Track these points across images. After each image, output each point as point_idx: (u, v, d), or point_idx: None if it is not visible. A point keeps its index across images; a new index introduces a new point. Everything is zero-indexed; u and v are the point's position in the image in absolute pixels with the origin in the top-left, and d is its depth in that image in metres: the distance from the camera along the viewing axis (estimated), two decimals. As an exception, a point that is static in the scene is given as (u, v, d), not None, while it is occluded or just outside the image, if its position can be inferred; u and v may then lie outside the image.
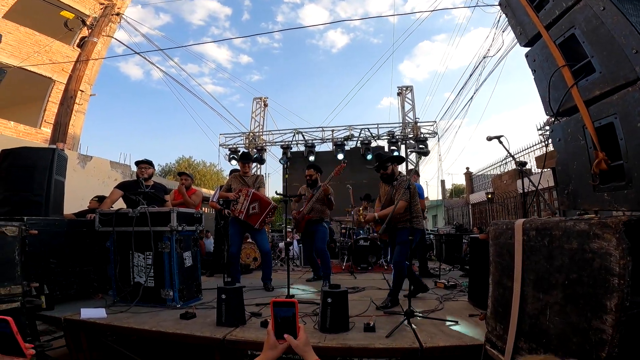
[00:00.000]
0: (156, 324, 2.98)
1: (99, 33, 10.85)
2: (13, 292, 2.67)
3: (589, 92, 1.77)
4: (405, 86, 14.01)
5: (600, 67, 1.69)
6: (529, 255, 1.54)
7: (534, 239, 1.51)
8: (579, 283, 1.28)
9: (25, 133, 11.02)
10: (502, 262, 1.77)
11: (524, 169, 3.17)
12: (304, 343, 1.22)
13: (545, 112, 2.18)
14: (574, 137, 1.88)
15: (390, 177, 3.95)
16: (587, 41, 1.76)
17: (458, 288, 4.50)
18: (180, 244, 3.68)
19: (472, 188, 18.08)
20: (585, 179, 1.77)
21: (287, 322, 1.23)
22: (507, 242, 1.71)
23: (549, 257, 1.41)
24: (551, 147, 2.26)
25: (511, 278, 1.63)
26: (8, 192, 3.69)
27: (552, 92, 2.02)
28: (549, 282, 1.41)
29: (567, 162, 1.95)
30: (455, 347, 2.47)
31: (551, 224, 1.42)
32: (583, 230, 1.27)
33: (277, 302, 1.25)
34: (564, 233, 1.35)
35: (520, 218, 1.68)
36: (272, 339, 1.24)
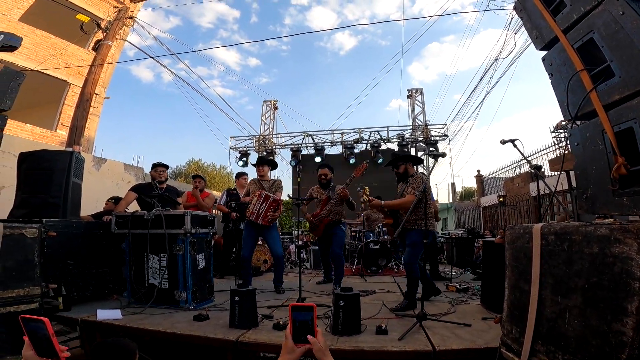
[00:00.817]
0: (170, 325, 3.02)
1: (113, 36, 11.01)
2: (32, 293, 2.72)
3: (608, 96, 1.76)
4: (415, 89, 13.95)
5: (620, 71, 1.68)
6: (547, 260, 1.54)
7: (553, 243, 1.51)
8: (599, 287, 1.28)
9: (41, 136, 11.22)
10: (518, 265, 1.77)
11: (539, 172, 3.14)
12: (323, 347, 1.23)
13: (563, 116, 2.18)
14: (593, 141, 1.87)
15: (403, 175, 3.95)
16: (606, 45, 1.75)
17: (470, 291, 4.46)
18: (193, 247, 3.72)
19: (483, 191, 17.91)
20: (605, 184, 1.75)
21: (305, 326, 1.24)
22: (524, 246, 1.71)
23: (569, 261, 1.41)
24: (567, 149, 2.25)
25: (528, 282, 1.63)
26: (26, 195, 3.76)
27: (570, 96, 2.00)
28: (568, 285, 1.41)
29: (586, 166, 1.94)
30: (468, 350, 2.46)
31: (571, 229, 1.42)
32: (604, 235, 1.27)
33: (296, 306, 1.26)
34: (585, 238, 1.35)
35: (533, 222, 1.68)
36: (290, 342, 1.25)
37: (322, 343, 1.24)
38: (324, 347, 1.24)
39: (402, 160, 3.99)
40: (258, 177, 4.96)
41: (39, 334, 1.14)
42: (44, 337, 1.12)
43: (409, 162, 4.00)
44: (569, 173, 8.55)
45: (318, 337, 1.24)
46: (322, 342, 1.24)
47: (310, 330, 1.23)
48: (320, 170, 5.07)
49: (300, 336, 1.24)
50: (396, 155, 4.13)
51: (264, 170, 4.94)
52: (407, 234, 3.75)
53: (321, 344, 1.23)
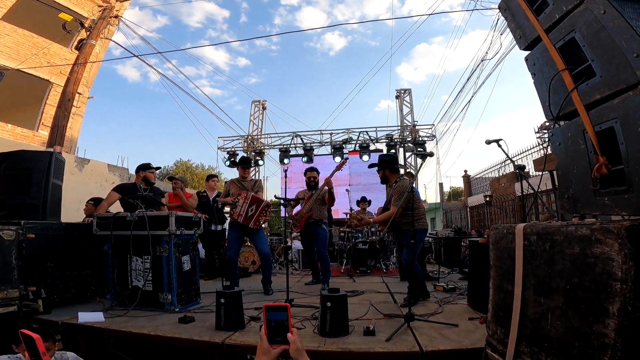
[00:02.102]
0: (154, 328, 2.98)
1: (97, 35, 10.81)
2: (10, 296, 2.66)
3: (589, 96, 1.76)
4: (404, 89, 14.06)
5: (601, 71, 1.68)
6: (529, 260, 1.54)
7: (535, 243, 1.51)
8: (580, 288, 1.28)
9: (22, 136, 10.98)
10: (502, 266, 1.77)
11: (522, 172, 3.17)
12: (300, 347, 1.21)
13: (545, 116, 2.18)
14: (574, 141, 1.87)
15: (384, 179, 4.14)
16: (587, 45, 1.75)
17: (457, 291, 4.49)
18: (178, 248, 3.67)
19: (470, 191, 18.11)
20: (586, 184, 1.76)
21: (281, 326, 1.22)
22: (507, 247, 1.72)
23: (550, 262, 1.41)
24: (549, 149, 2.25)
25: (512, 282, 1.63)
26: (5, 196, 3.67)
27: (552, 96, 2.01)
28: (550, 286, 1.41)
29: (567, 166, 1.94)
30: (455, 350, 2.47)
31: (552, 229, 1.42)
32: (585, 235, 1.27)
33: (270, 306, 1.25)
34: (566, 238, 1.35)
35: (518, 221, 1.68)
36: (265, 344, 1.23)
37: (299, 343, 1.23)
38: (301, 347, 1.22)
39: (380, 166, 4.12)
40: (239, 178, 4.91)
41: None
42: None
43: (386, 168, 4.10)
44: (553, 173, 8.69)
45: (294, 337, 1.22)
46: (299, 341, 1.23)
47: (285, 330, 1.22)
48: (309, 173, 5.23)
49: (275, 337, 1.22)
50: (380, 159, 4.20)
51: (249, 172, 5.01)
52: (402, 235, 3.93)
53: (298, 344, 1.22)
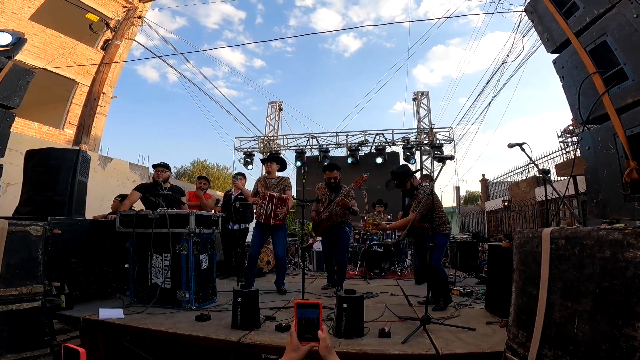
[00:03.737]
0: (172, 325, 3.01)
1: (121, 36, 11.09)
2: (35, 291, 2.68)
3: (621, 99, 1.75)
4: (421, 92, 13.97)
5: (634, 74, 1.67)
6: (556, 264, 1.52)
7: (563, 247, 1.49)
8: (610, 291, 1.26)
9: (48, 134, 11.28)
10: (526, 270, 1.75)
11: (546, 177, 3.10)
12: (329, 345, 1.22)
13: (575, 120, 2.20)
14: (605, 145, 1.85)
15: (412, 189, 4.02)
16: (619, 48, 1.74)
17: (474, 295, 4.42)
18: (197, 247, 3.71)
19: (487, 195, 17.84)
20: (616, 188, 1.74)
21: (311, 324, 1.23)
22: (532, 251, 1.69)
23: (579, 266, 1.39)
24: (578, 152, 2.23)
25: (536, 286, 1.60)
26: (32, 192, 3.77)
27: (582, 100, 1.99)
28: (578, 290, 1.39)
29: (597, 170, 1.92)
30: (473, 354, 2.43)
31: (582, 233, 1.40)
32: (617, 239, 1.25)
33: (301, 303, 1.25)
34: (597, 242, 1.33)
35: (538, 226, 1.66)
36: (294, 340, 1.23)
37: (328, 340, 1.22)
38: (330, 345, 1.22)
39: (404, 177, 4.02)
40: (265, 175, 4.93)
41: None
42: None
43: (411, 178, 4.05)
44: (576, 178, 8.51)
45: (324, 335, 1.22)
46: (328, 339, 1.22)
47: (316, 328, 1.22)
48: (329, 173, 4.85)
49: (305, 334, 1.23)
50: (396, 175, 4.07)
51: (272, 166, 4.89)
52: (425, 239, 3.84)
53: (328, 342, 1.21)
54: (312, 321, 1.23)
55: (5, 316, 2.47)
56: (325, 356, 1.21)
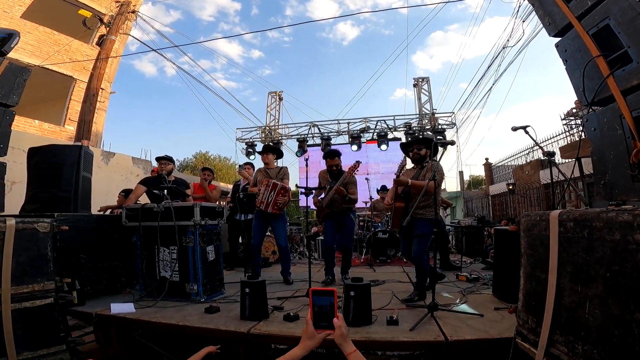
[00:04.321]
0: (182, 318, 3.04)
1: (116, 31, 11.00)
2: (46, 288, 2.68)
3: (626, 81, 1.75)
4: (422, 77, 13.88)
5: (638, 57, 1.67)
6: (565, 247, 1.50)
7: (572, 230, 1.47)
8: (621, 275, 1.24)
9: (49, 131, 11.31)
10: (534, 254, 1.74)
11: (552, 159, 3.08)
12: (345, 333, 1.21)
13: (580, 102, 2.16)
14: (611, 126, 1.85)
15: (422, 159, 3.82)
16: (623, 32, 1.74)
17: (481, 281, 4.43)
18: (203, 239, 3.73)
19: (491, 179, 17.77)
20: (623, 169, 1.73)
21: (326, 311, 1.22)
22: (540, 234, 1.67)
23: (589, 249, 1.37)
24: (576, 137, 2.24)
25: (545, 270, 1.59)
26: (37, 189, 3.78)
27: (586, 82, 1.98)
28: (588, 274, 1.37)
29: (603, 151, 1.91)
30: (482, 340, 2.43)
31: (591, 215, 1.38)
32: (626, 221, 1.23)
33: (316, 290, 1.24)
34: (606, 224, 1.30)
35: (543, 210, 1.65)
36: (310, 328, 1.22)
37: (344, 328, 1.22)
38: (346, 332, 1.21)
39: (426, 145, 3.86)
40: (264, 166, 4.96)
41: None
42: None
43: (430, 149, 3.84)
44: (581, 161, 8.46)
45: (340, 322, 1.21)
46: (344, 327, 1.22)
47: (331, 315, 1.21)
48: (330, 160, 4.69)
49: (321, 322, 1.22)
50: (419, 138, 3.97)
51: (269, 157, 4.94)
52: (415, 224, 3.59)
53: (344, 330, 1.21)
54: (328, 309, 1.22)
55: (19, 314, 2.47)
56: (341, 344, 1.20)
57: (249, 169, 6.08)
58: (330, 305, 1.22)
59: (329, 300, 1.22)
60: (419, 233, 3.59)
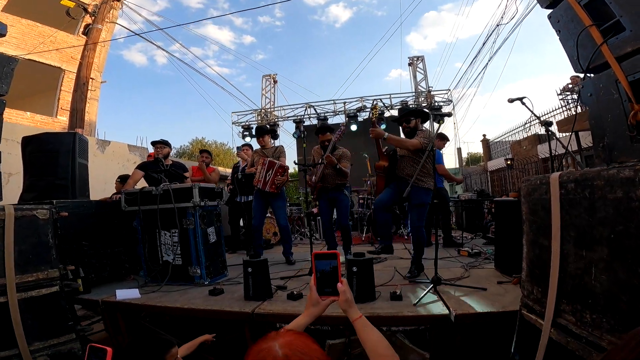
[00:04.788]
0: (187, 301, 3.06)
1: (102, 20, 10.79)
2: (51, 276, 2.68)
3: (620, 49, 1.82)
4: (416, 56, 13.71)
5: (631, 25, 1.74)
6: (567, 210, 1.46)
7: (573, 191, 1.43)
8: (625, 236, 1.20)
9: (42, 122, 11.22)
10: (536, 220, 1.70)
11: (549, 129, 3.05)
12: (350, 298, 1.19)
13: (575, 70, 2.20)
14: (607, 91, 1.89)
15: (412, 131, 3.68)
16: (614, 2, 1.80)
17: (483, 256, 4.43)
18: (203, 220, 3.71)
19: (489, 155, 17.75)
20: (622, 131, 1.75)
21: (330, 276, 1.19)
22: (541, 198, 1.64)
23: (592, 210, 1.33)
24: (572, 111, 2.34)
25: (548, 236, 1.55)
26: (34, 178, 3.73)
27: (581, 51, 2.04)
28: (592, 237, 1.34)
29: (601, 115, 1.94)
30: (487, 313, 2.43)
31: (592, 174, 1.34)
32: (628, 177, 1.18)
33: (319, 254, 1.21)
34: (607, 182, 1.26)
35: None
36: (314, 295, 1.20)
37: (348, 293, 1.19)
38: (351, 297, 1.19)
39: (414, 114, 3.72)
40: (260, 147, 4.96)
41: None
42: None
43: (419, 117, 3.74)
44: (578, 134, 8.45)
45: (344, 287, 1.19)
46: (349, 292, 1.20)
47: (335, 280, 1.18)
48: (321, 136, 4.59)
49: (325, 287, 1.19)
50: (404, 110, 3.87)
51: (265, 140, 4.95)
52: (412, 194, 3.37)
53: (348, 295, 1.19)
54: (331, 273, 1.18)
55: (26, 303, 2.47)
56: (346, 310, 1.18)
57: (247, 149, 6.04)
58: (333, 270, 1.19)
59: (332, 263, 1.19)
60: (417, 202, 3.51)
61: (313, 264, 1.20)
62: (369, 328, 1.16)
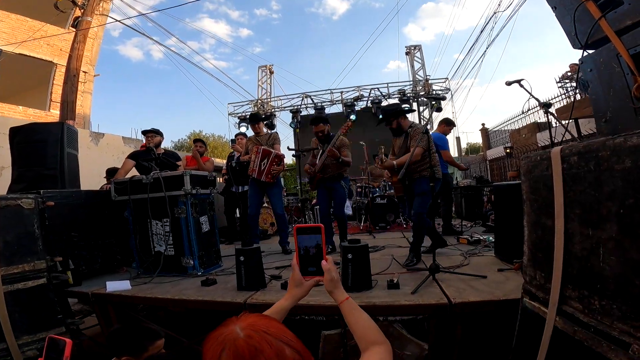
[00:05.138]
0: (179, 292, 2.99)
1: (91, 12, 10.61)
2: (37, 268, 2.61)
3: (619, 22, 1.79)
4: (414, 45, 13.59)
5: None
6: (571, 186, 1.35)
7: (576, 165, 1.32)
8: (637, 209, 1.09)
9: (35, 116, 11.19)
10: (538, 198, 1.59)
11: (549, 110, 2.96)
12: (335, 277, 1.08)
13: (573, 46, 2.14)
14: (608, 65, 1.85)
15: (398, 130, 3.77)
16: None
17: (482, 243, 4.36)
18: (195, 209, 3.63)
19: (488, 144, 17.69)
20: (625, 104, 1.71)
21: (313, 254, 1.09)
22: (542, 175, 1.53)
23: (597, 184, 1.22)
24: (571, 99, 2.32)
25: (551, 215, 1.44)
26: (22, 168, 3.67)
27: (578, 26, 2.00)
28: (599, 213, 1.22)
29: (602, 90, 1.89)
30: (487, 302, 2.35)
31: (596, 145, 1.22)
32: (637, 145, 1.07)
33: (302, 228, 1.10)
34: (614, 152, 1.15)
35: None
36: (297, 274, 1.10)
37: (334, 272, 1.08)
38: (337, 277, 1.08)
39: (393, 116, 3.77)
40: (255, 135, 4.88)
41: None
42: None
43: (400, 116, 3.76)
44: (577, 121, 8.39)
45: (329, 265, 1.08)
46: (334, 271, 1.09)
47: (319, 257, 1.08)
48: (315, 127, 4.54)
49: (308, 266, 1.09)
50: (385, 112, 3.88)
51: (260, 127, 4.86)
52: (415, 184, 3.62)
53: (334, 274, 1.08)
54: (315, 250, 1.08)
55: (13, 296, 2.41)
56: (331, 291, 1.08)
57: (242, 139, 5.96)
58: (317, 246, 1.08)
59: (316, 238, 1.08)
60: (419, 191, 3.57)
61: (295, 240, 1.10)
62: (357, 311, 1.06)
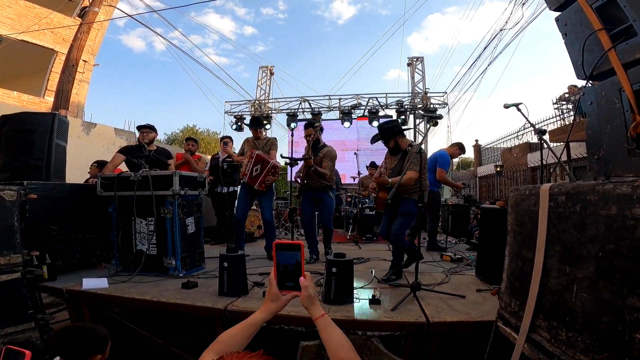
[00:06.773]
0: (157, 293, 2.94)
1: (100, 3, 10.52)
2: (13, 262, 2.54)
3: (629, 55, 1.72)
4: (416, 57, 13.60)
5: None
6: (555, 224, 1.39)
7: (563, 204, 1.36)
8: (616, 255, 1.13)
9: (28, 102, 11.02)
10: (522, 231, 1.63)
11: (543, 138, 2.98)
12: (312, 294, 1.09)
13: (577, 76, 2.11)
14: (609, 99, 1.80)
15: (395, 149, 3.69)
16: (629, 5, 1.70)
17: (465, 261, 4.39)
18: (182, 209, 3.59)
19: (480, 161, 17.82)
20: (619, 143, 1.67)
21: (292, 270, 1.09)
22: (529, 210, 1.57)
23: (581, 226, 1.26)
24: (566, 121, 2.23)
25: (532, 249, 1.49)
26: (8, 157, 3.57)
27: (586, 55, 1.95)
28: (579, 253, 1.27)
29: (599, 125, 1.85)
30: (462, 322, 2.42)
31: (585, 188, 1.26)
32: (625, 194, 1.11)
33: (280, 244, 1.10)
34: (601, 197, 1.19)
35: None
36: (274, 289, 1.10)
37: (311, 289, 1.10)
38: (314, 294, 1.10)
39: (389, 137, 3.67)
40: (253, 138, 4.80)
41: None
42: None
43: (397, 136, 3.67)
44: (569, 145, 8.47)
45: (307, 282, 1.10)
46: (312, 287, 1.10)
47: (298, 274, 1.09)
48: (305, 131, 4.56)
49: (286, 281, 1.09)
50: (381, 130, 3.74)
51: (260, 131, 4.80)
52: (401, 203, 3.49)
53: (311, 291, 1.09)
54: (294, 266, 1.09)
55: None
56: (308, 307, 1.09)
57: (230, 143, 5.91)
58: (296, 263, 1.09)
59: (295, 256, 1.09)
60: (404, 212, 3.48)
61: (274, 255, 1.10)
62: (332, 327, 1.08)
